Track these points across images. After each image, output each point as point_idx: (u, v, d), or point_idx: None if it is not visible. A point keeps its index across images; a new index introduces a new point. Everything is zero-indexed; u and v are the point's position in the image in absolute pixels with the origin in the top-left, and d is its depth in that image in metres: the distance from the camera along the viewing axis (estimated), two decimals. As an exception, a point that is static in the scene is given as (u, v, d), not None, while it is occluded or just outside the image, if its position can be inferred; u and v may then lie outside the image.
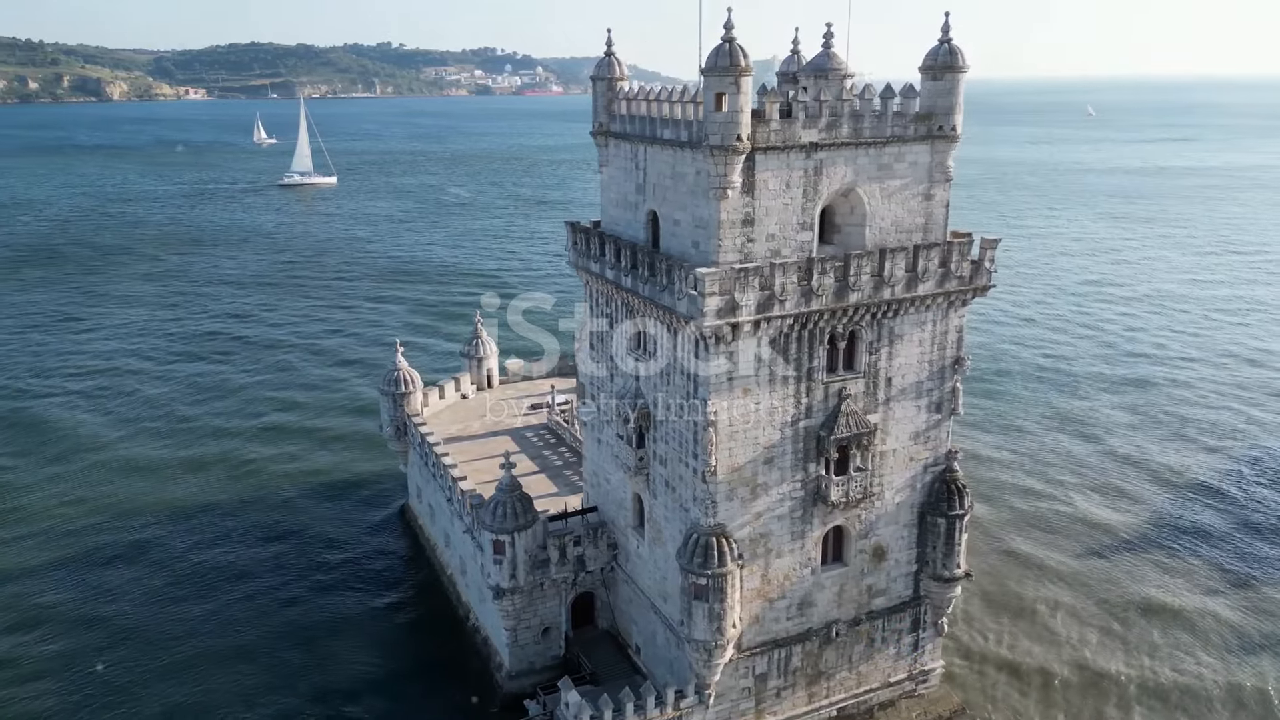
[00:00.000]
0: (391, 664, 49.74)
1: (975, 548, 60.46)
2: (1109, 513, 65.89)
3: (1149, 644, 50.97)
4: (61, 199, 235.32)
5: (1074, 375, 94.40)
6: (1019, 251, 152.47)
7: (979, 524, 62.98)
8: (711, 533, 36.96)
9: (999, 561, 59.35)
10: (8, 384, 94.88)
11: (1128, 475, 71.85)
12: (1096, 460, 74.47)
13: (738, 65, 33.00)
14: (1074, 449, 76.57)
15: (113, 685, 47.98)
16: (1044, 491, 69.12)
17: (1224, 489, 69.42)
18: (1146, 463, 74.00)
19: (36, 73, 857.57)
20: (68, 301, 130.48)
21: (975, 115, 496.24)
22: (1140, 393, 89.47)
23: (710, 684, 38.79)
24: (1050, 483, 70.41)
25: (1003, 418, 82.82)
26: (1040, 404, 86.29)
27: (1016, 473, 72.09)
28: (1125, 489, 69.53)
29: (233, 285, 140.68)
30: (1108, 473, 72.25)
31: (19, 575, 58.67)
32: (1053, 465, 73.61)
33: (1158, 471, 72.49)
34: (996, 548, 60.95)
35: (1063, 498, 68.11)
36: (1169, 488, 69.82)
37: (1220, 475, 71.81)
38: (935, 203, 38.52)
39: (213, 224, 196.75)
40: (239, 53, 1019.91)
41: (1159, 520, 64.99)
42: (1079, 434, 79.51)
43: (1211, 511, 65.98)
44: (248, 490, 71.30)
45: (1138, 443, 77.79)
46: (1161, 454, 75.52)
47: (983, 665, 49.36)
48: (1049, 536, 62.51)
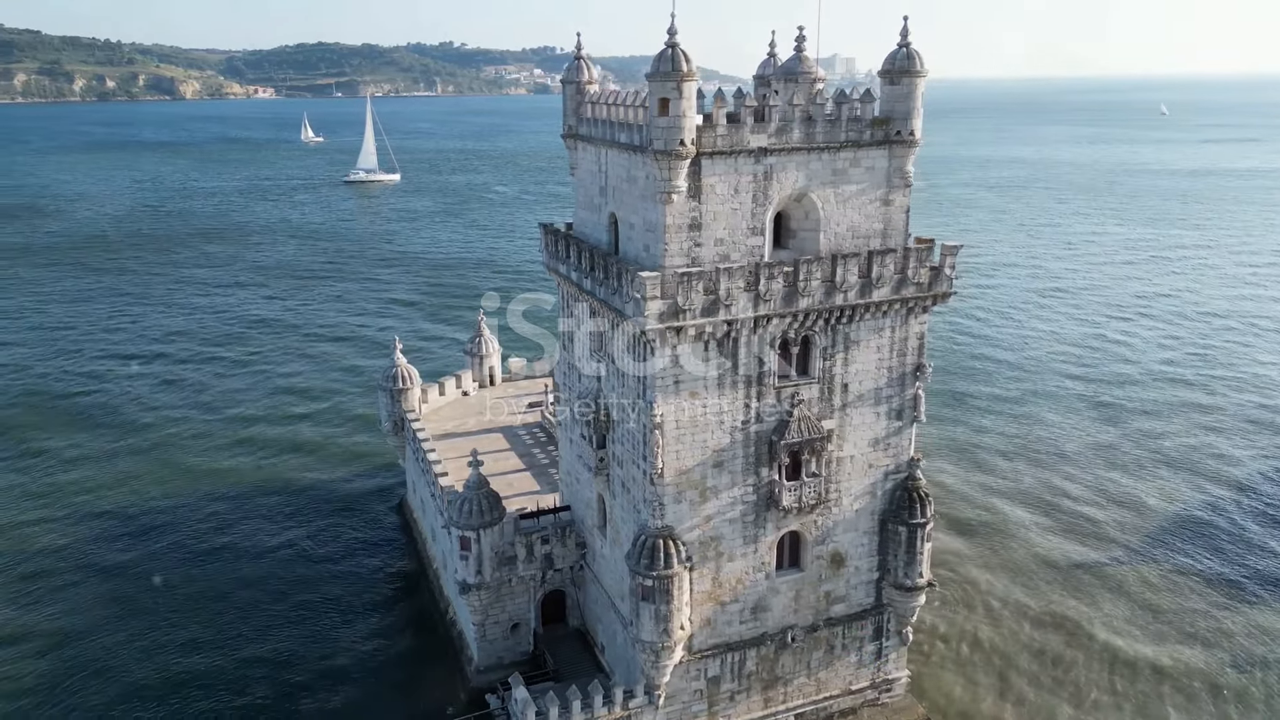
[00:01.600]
0: (371, 651, 51.05)
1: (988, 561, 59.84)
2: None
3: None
4: (121, 193, 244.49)
5: (1107, 398, 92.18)
6: (1066, 260, 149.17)
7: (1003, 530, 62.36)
8: (659, 534, 37.18)
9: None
10: (57, 365, 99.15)
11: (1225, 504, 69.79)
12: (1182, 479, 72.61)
13: (680, 70, 33.18)
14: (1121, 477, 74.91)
15: (98, 660, 50.13)
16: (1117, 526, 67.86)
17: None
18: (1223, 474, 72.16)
19: (114, 72, 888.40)
20: (120, 289, 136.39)
21: (1048, 114, 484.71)
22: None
23: (660, 685, 39.00)
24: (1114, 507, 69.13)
25: (1037, 438, 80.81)
26: (1078, 425, 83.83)
27: (1109, 507, 69.65)
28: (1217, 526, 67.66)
29: (287, 275, 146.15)
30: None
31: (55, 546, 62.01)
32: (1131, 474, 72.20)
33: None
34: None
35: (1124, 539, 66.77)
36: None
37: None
38: (894, 208, 38.17)
39: (277, 219, 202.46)
40: (306, 52, 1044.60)
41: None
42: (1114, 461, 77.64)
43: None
44: (259, 471, 74.30)
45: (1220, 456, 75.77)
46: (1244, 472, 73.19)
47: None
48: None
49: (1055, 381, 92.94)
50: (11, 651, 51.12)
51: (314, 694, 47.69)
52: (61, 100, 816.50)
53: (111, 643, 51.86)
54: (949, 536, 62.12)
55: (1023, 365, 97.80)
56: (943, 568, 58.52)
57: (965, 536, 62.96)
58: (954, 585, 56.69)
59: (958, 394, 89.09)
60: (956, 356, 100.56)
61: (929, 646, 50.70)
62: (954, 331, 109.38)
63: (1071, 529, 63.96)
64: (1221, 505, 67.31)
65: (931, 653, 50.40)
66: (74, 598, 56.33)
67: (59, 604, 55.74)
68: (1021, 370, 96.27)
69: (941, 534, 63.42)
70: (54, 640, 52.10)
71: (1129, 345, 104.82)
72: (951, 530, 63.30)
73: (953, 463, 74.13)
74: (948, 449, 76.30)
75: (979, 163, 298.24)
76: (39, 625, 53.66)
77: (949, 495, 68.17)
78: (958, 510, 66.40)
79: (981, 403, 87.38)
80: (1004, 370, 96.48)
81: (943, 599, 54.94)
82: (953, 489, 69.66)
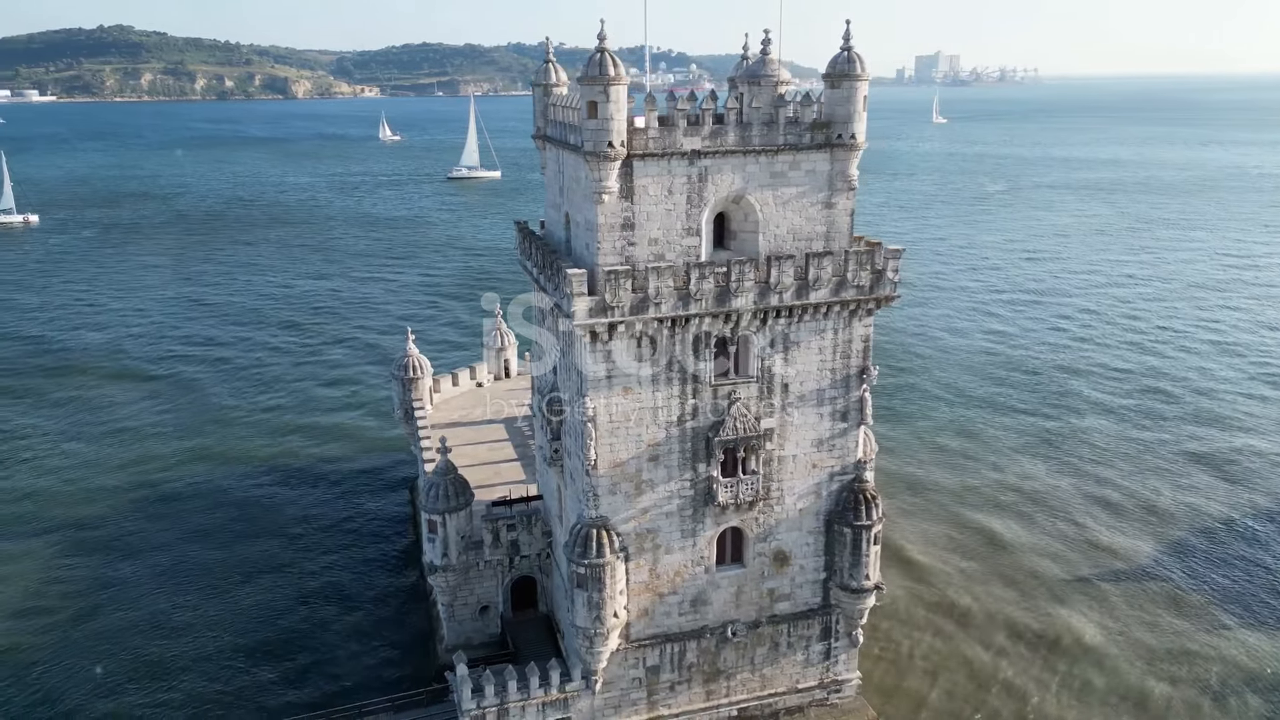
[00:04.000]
0: (357, 622, 54.24)
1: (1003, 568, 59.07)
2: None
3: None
4: (216, 183, 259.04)
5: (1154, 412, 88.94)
6: (1141, 266, 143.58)
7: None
8: (592, 524, 38.37)
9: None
10: (133, 330, 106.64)
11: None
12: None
13: (607, 75, 34.27)
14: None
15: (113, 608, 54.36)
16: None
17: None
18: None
19: (233, 72, 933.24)
20: (208, 267, 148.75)
21: (1162, 113, 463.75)
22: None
23: (596, 670, 40.16)
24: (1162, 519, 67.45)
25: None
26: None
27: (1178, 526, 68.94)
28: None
29: (375, 262, 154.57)
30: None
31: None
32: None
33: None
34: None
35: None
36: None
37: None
38: (838, 211, 38.38)
39: (380, 213, 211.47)
40: (411, 53, 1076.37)
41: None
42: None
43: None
44: (282, 448, 79.07)
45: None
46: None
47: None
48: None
49: (1094, 384, 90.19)
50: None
51: (295, 649, 51.40)
52: (183, 99, 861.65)
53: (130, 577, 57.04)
54: (944, 552, 61.55)
55: (1071, 367, 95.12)
56: (934, 581, 58.19)
57: (958, 550, 62.19)
58: (936, 593, 56.23)
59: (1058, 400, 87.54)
60: (997, 363, 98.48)
61: (883, 649, 50.76)
62: (991, 341, 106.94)
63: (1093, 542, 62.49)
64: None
65: (893, 657, 50.32)
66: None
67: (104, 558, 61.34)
68: (1068, 374, 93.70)
69: (936, 544, 62.92)
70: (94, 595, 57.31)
71: (1188, 361, 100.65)
72: (949, 539, 62.60)
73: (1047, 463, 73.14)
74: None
75: (1073, 164, 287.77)
76: (77, 578, 58.77)
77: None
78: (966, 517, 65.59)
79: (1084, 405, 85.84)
80: (1059, 376, 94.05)
81: (926, 604, 54.64)
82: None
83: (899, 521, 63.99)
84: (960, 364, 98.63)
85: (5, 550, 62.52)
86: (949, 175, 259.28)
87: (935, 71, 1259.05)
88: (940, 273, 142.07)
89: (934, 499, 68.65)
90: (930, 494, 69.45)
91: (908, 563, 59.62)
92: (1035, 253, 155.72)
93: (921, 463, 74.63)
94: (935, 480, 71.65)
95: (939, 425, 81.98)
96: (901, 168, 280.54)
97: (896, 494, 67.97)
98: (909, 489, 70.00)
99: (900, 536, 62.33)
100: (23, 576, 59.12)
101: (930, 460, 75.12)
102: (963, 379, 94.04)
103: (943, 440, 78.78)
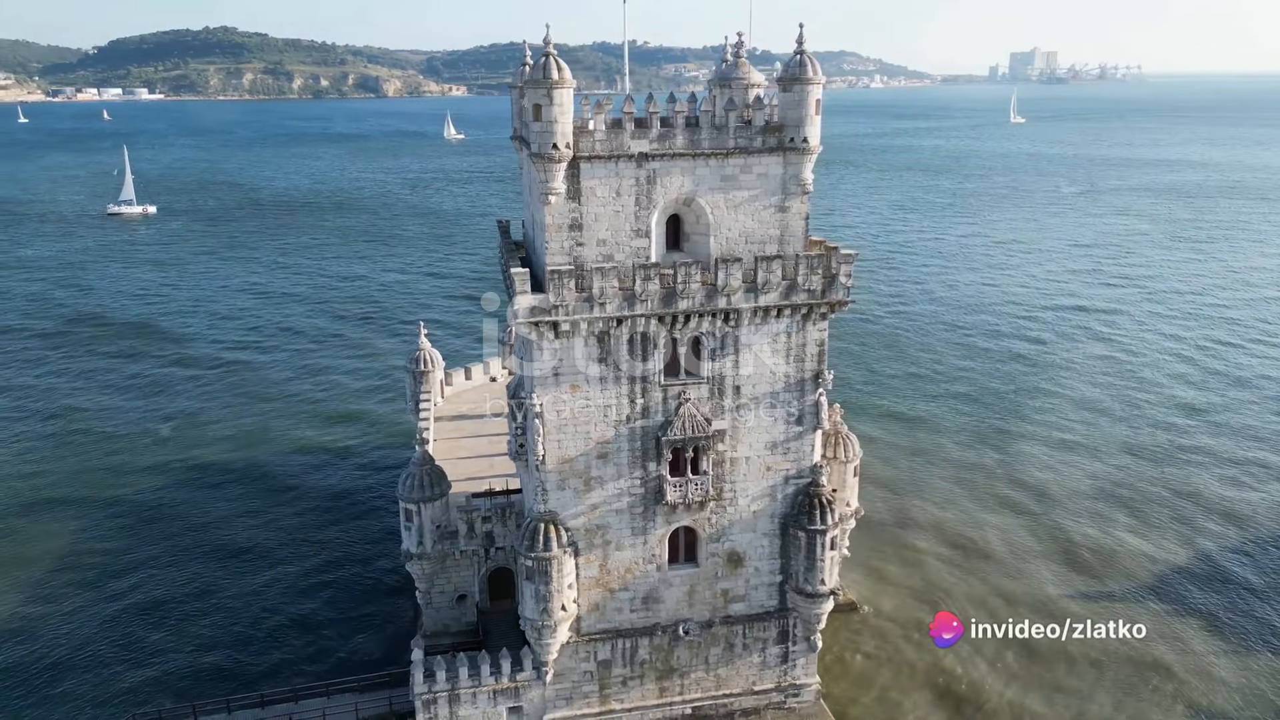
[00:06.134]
0: (347, 605, 56.45)
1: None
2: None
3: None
4: (296, 178, 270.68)
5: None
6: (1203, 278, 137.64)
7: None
8: (540, 519, 39.27)
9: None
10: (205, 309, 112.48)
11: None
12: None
13: (550, 78, 35.06)
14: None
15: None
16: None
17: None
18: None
19: (328, 72, 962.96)
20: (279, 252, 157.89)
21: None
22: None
23: (547, 661, 41.02)
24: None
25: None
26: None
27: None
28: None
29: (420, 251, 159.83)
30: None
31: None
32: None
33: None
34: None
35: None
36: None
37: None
38: (791, 215, 38.39)
39: (437, 205, 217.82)
40: (498, 52, 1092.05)
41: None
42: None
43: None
44: (309, 431, 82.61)
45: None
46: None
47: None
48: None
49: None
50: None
51: (287, 626, 54.06)
52: (281, 98, 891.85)
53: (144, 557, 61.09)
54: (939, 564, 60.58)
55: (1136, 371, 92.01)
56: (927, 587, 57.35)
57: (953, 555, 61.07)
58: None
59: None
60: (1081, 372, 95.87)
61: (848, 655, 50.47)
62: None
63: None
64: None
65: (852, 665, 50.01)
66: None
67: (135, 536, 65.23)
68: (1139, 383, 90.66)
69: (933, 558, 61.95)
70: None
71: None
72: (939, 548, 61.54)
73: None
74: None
75: (1162, 166, 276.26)
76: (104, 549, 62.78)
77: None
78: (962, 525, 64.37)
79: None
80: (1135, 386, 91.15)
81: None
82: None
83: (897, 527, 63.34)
84: (980, 376, 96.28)
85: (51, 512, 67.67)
86: (1022, 176, 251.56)
87: (1030, 68, 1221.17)
88: (987, 276, 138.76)
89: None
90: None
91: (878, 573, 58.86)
92: (1095, 255, 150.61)
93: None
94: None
95: (956, 428, 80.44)
96: (974, 168, 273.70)
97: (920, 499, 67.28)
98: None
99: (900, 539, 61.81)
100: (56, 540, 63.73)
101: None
102: (961, 385, 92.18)
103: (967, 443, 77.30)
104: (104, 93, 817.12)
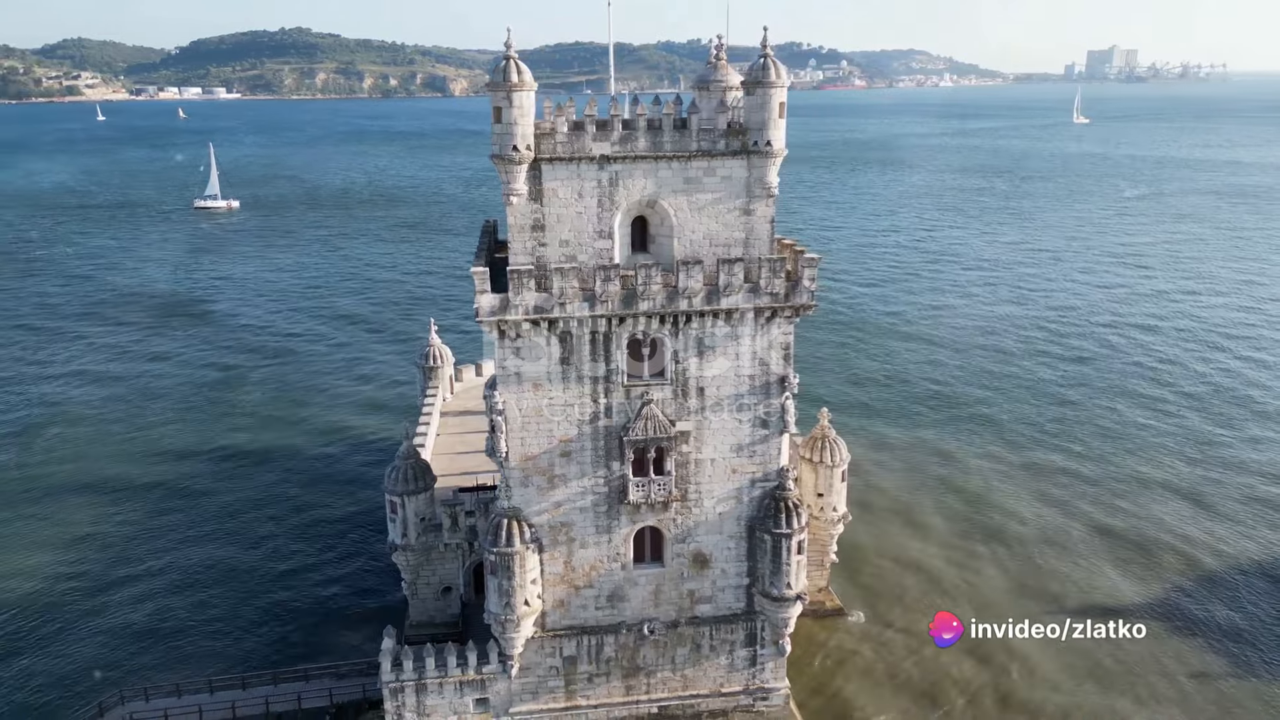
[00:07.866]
0: (341, 593, 58.07)
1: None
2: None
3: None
4: (354, 174, 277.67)
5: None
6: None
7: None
8: (504, 515, 39.88)
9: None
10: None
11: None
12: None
13: (509, 81, 35.64)
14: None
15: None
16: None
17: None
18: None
19: (397, 71, 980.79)
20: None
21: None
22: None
23: (512, 655, 41.57)
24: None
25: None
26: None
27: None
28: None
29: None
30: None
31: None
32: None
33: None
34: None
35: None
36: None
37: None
38: (757, 217, 38.34)
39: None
40: (563, 51, 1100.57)
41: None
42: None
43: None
44: (335, 420, 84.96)
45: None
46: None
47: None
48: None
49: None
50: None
51: (281, 609, 55.90)
52: (352, 96, 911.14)
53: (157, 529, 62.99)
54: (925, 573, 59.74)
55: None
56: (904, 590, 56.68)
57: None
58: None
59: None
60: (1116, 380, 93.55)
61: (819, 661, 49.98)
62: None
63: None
64: None
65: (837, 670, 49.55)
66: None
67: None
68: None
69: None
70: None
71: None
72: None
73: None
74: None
75: (1236, 168, 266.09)
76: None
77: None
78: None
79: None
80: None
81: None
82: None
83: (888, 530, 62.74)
84: (1017, 388, 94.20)
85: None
86: (1082, 179, 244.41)
87: (1109, 67, 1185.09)
88: (1030, 274, 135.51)
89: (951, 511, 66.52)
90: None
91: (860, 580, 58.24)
92: (1146, 259, 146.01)
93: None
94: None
95: (957, 429, 79.01)
96: (1036, 169, 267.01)
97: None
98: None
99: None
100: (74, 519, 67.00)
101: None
102: (959, 387, 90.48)
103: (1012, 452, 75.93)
104: (184, 92, 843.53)
